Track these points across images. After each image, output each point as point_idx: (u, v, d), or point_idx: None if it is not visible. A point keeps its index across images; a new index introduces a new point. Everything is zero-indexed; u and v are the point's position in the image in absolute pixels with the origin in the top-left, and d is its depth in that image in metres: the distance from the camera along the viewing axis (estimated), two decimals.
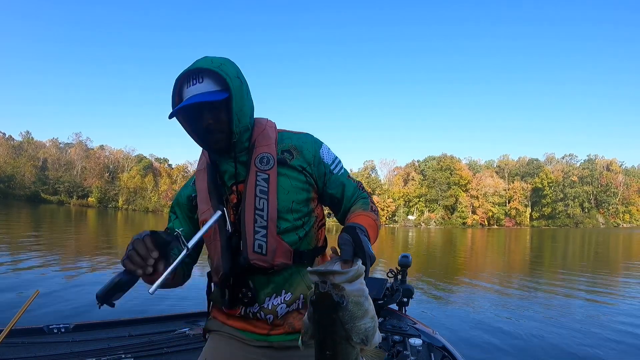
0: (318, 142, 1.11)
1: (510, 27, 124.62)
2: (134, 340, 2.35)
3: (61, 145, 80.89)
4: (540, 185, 77.44)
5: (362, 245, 0.74)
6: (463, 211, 74.36)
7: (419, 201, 75.50)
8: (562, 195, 78.58)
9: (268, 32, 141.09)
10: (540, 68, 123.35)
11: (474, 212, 75.40)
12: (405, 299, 2.99)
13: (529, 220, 78.36)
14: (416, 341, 2.06)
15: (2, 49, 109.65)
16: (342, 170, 1.12)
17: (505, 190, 78.14)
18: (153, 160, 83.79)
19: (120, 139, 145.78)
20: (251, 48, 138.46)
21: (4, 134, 76.09)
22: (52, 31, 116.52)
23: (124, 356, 2.08)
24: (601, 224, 78.71)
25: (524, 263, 14.71)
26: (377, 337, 0.69)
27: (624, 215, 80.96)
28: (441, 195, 74.44)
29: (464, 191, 75.74)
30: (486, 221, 74.79)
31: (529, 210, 79.26)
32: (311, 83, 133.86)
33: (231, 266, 1.02)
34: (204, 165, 1.11)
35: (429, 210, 74.93)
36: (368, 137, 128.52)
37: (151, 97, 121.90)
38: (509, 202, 77.90)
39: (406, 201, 75.76)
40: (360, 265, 0.69)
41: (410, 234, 37.50)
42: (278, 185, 1.02)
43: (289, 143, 1.08)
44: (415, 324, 2.57)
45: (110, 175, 77.95)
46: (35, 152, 75.80)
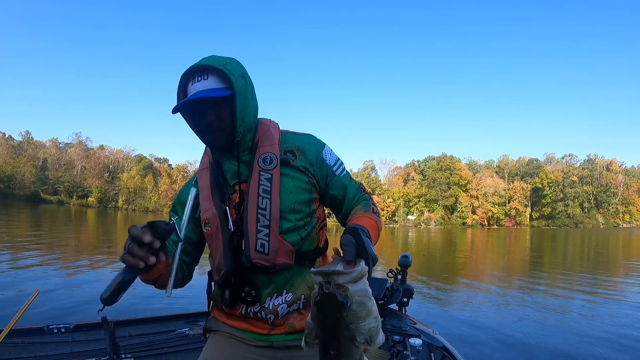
0: (321, 144, 1.11)
1: (510, 27, 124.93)
2: (134, 340, 2.35)
3: (61, 145, 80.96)
4: (540, 185, 77.45)
5: (365, 246, 0.75)
6: (463, 211, 74.36)
7: (419, 201, 75.49)
8: (562, 195, 78.58)
9: (268, 32, 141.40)
10: (540, 68, 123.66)
11: (473, 212, 75.41)
12: (405, 299, 2.99)
13: (528, 220, 78.38)
14: (416, 341, 2.06)
15: (2, 49, 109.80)
16: (344, 172, 1.12)
17: (505, 190, 78.14)
18: (153, 160, 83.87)
19: (120, 139, 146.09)
20: (251, 48, 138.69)
21: (4, 134, 76.22)
22: (52, 31, 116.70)
23: (124, 356, 2.08)
24: (601, 224, 78.68)
25: (523, 263, 14.70)
26: (381, 337, 0.69)
27: (624, 215, 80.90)
28: (441, 195, 74.45)
29: (463, 191, 75.75)
30: (486, 221, 74.80)
31: (528, 210, 79.27)
32: (311, 83, 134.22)
33: (233, 265, 1.02)
34: (206, 164, 1.11)
35: (429, 210, 74.93)
36: (368, 137, 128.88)
37: (151, 97, 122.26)
38: (509, 202, 77.91)
39: (406, 201, 75.75)
40: (364, 266, 0.69)
41: (410, 234, 37.48)
42: (281, 185, 1.02)
43: (292, 144, 1.08)
44: (415, 324, 2.57)
45: (110, 175, 77.97)
46: (35, 152, 75.84)
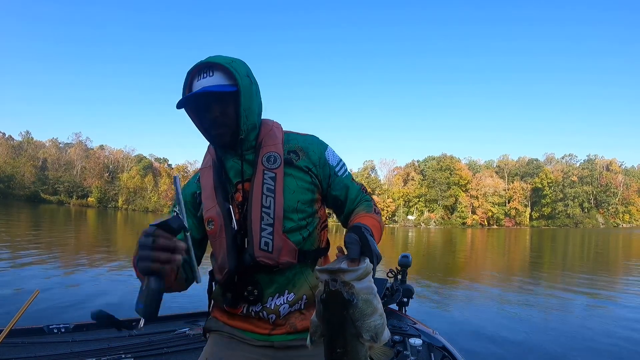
0: (323, 144, 1.13)
1: (510, 27, 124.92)
2: (134, 340, 2.34)
3: (61, 145, 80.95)
4: (540, 185, 77.44)
5: (369, 244, 0.75)
6: (463, 211, 74.36)
7: (419, 201, 75.49)
8: (561, 195, 78.58)
9: (268, 32, 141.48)
10: (540, 68, 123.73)
11: (473, 212, 75.41)
12: (405, 299, 2.99)
13: (528, 220, 78.37)
14: (416, 341, 2.06)
15: (2, 49, 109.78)
16: (346, 173, 1.13)
17: (505, 190, 78.13)
18: (153, 160, 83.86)
19: (120, 139, 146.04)
20: (251, 48, 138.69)
21: (4, 134, 76.21)
22: (52, 31, 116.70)
23: (124, 356, 2.08)
24: (601, 224, 78.67)
25: (523, 263, 14.70)
26: (386, 334, 0.69)
27: (624, 215, 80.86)
28: (441, 195, 74.45)
29: (463, 191, 75.75)
30: (486, 221, 74.80)
31: (528, 210, 79.27)
32: (311, 83, 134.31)
33: (236, 264, 1.02)
34: (209, 162, 1.11)
35: (429, 210, 74.93)
36: (368, 137, 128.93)
37: (151, 97, 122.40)
38: (509, 202, 77.90)
39: (406, 201, 75.75)
40: (369, 264, 0.69)
41: (410, 234, 37.48)
42: (284, 185, 1.03)
43: (295, 144, 1.09)
44: (415, 324, 2.58)
45: (110, 175, 77.96)
46: (35, 152, 75.83)
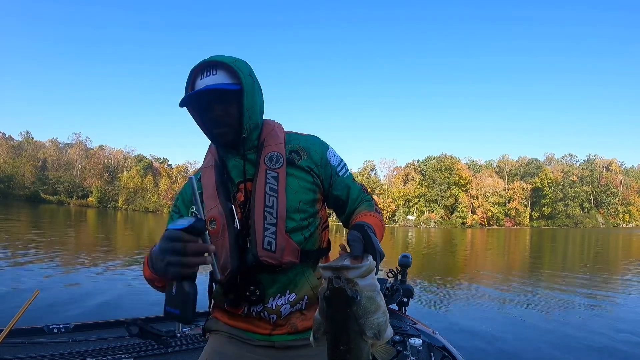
0: (325, 145, 1.13)
1: (510, 27, 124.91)
2: (134, 340, 2.34)
3: (61, 145, 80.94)
4: (540, 185, 77.39)
5: (372, 242, 0.75)
6: (463, 211, 74.33)
7: (419, 201, 75.47)
8: (561, 195, 78.53)
9: (268, 32, 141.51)
10: (540, 68, 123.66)
11: (473, 212, 75.38)
12: (405, 299, 2.99)
13: (528, 220, 78.32)
14: (416, 341, 2.06)
15: (2, 49, 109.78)
16: (347, 173, 1.14)
17: (505, 190, 78.09)
18: (153, 160, 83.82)
19: (120, 139, 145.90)
20: (251, 48, 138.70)
21: (4, 134, 76.24)
22: (52, 31, 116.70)
23: (124, 356, 2.08)
24: (601, 224, 78.63)
25: (523, 263, 14.70)
26: (389, 331, 0.69)
27: (624, 215, 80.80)
28: (441, 195, 74.43)
29: (463, 191, 75.71)
30: (486, 221, 74.76)
31: (528, 210, 79.22)
32: (311, 83, 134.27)
33: (239, 264, 1.02)
34: (211, 162, 1.11)
35: (429, 210, 74.91)
36: (368, 137, 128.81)
37: (151, 97, 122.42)
38: (509, 202, 77.86)
39: (406, 201, 75.72)
40: (372, 261, 0.70)
41: (410, 234, 37.48)
42: (286, 185, 1.03)
43: (296, 144, 1.09)
44: (415, 324, 2.57)
45: (110, 175, 77.94)
46: (35, 152, 75.83)
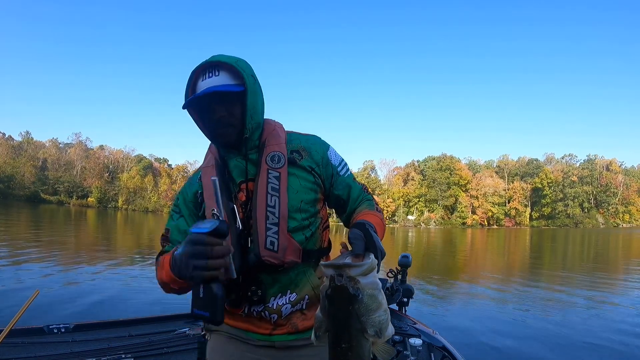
0: (326, 144, 1.13)
1: (510, 27, 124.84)
2: (134, 340, 2.34)
3: (61, 146, 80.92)
4: (540, 185, 77.36)
5: (374, 240, 0.75)
6: (463, 211, 74.31)
7: (419, 201, 75.44)
8: (561, 195, 78.49)
9: (268, 32, 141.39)
10: (540, 68, 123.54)
11: (473, 212, 75.36)
12: (405, 299, 2.98)
13: (528, 220, 78.28)
14: (416, 341, 2.06)
15: (2, 49, 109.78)
16: (348, 172, 1.14)
17: (505, 190, 78.06)
18: (153, 160, 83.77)
19: (120, 139, 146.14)
20: (251, 48, 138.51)
21: (4, 134, 76.24)
22: (52, 31, 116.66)
23: (124, 356, 2.08)
24: (601, 224, 78.60)
25: (523, 263, 14.71)
26: (390, 329, 0.70)
27: (624, 215, 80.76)
28: (441, 195, 74.40)
29: (463, 191, 75.68)
30: (486, 221, 74.73)
31: (528, 210, 79.19)
32: (311, 83, 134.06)
33: (241, 264, 1.02)
34: (211, 161, 1.11)
35: (429, 210, 74.88)
36: (368, 137, 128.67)
37: (151, 97, 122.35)
38: (509, 202, 77.83)
39: (406, 201, 75.69)
40: (374, 259, 0.70)
41: (410, 234, 37.49)
42: (288, 185, 1.03)
43: (297, 144, 1.09)
44: (415, 324, 2.57)
45: (110, 175, 77.91)
46: (35, 152, 75.81)
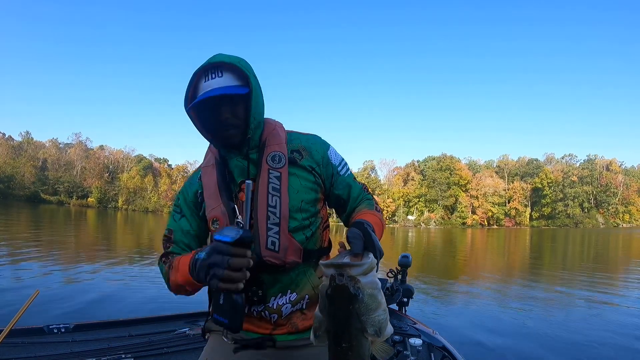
0: (326, 144, 1.13)
1: (510, 27, 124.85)
2: (134, 340, 2.34)
3: (61, 146, 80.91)
4: (540, 185, 77.37)
5: (372, 239, 0.75)
6: (463, 211, 74.31)
7: (419, 201, 75.45)
8: (561, 195, 78.48)
9: (268, 32, 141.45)
10: (540, 68, 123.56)
11: (473, 212, 75.36)
12: (405, 299, 2.98)
13: (528, 220, 78.28)
14: (416, 341, 2.05)
15: (2, 49, 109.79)
16: (348, 172, 1.14)
17: (505, 190, 78.06)
18: (153, 160, 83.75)
19: (120, 139, 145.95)
20: (251, 48, 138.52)
21: (4, 134, 76.25)
22: (52, 31, 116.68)
23: (124, 356, 2.08)
24: (601, 224, 78.58)
25: (523, 263, 14.70)
26: (389, 328, 0.70)
27: (624, 215, 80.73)
28: (441, 195, 74.40)
29: (463, 191, 75.68)
30: (486, 221, 74.73)
31: (528, 210, 79.20)
32: (311, 83, 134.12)
33: None
34: (211, 161, 1.10)
35: (429, 211, 74.88)
36: (368, 137, 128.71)
37: (151, 97, 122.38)
38: (509, 202, 77.83)
39: (406, 201, 75.70)
40: (373, 258, 0.70)
41: (410, 234, 37.47)
42: (289, 184, 1.03)
43: (297, 143, 1.09)
44: (415, 324, 2.57)
45: (110, 175, 77.90)
46: (35, 152, 75.80)
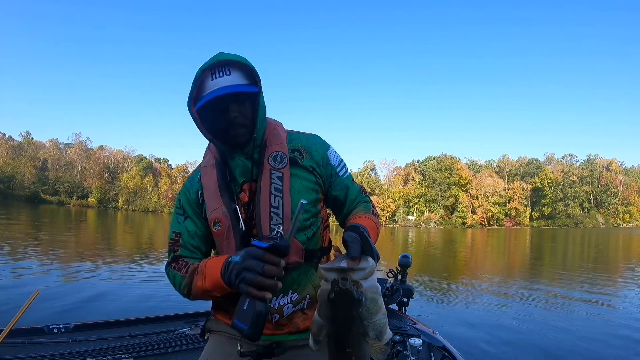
0: (326, 144, 1.13)
1: (510, 27, 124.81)
2: (134, 340, 2.34)
3: (61, 146, 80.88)
4: (540, 185, 77.35)
5: (370, 243, 0.75)
6: (463, 211, 74.30)
7: (419, 201, 75.43)
8: (562, 195, 78.46)
9: (268, 32, 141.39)
10: (540, 68, 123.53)
11: (473, 212, 75.35)
12: (405, 299, 2.98)
13: (528, 220, 78.26)
14: (416, 341, 2.05)
15: (2, 49, 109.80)
16: (347, 173, 1.13)
17: (505, 190, 78.05)
18: (153, 160, 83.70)
19: (120, 139, 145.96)
20: (251, 48, 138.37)
21: (4, 134, 76.22)
22: (52, 31, 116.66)
23: (124, 356, 2.08)
24: (601, 224, 78.56)
25: (523, 263, 14.69)
26: (389, 332, 0.71)
27: (624, 215, 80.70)
28: (441, 196, 74.39)
29: (463, 191, 75.67)
30: (486, 221, 74.72)
31: (528, 210, 79.18)
32: (311, 83, 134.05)
33: None
34: (211, 161, 1.09)
35: (429, 211, 74.87)
36: (368, 137, 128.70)
37: (151, 97, 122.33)
38: (509, 202, 77.81)
39: (406, 201, 75.68)
40: (373, 262, 0.70)
41: (410, 234, 37.46)
42: (290, 185, 1.03)
43: (298, 143, 1.09)
44: (415, 324, 2.57)
45: (110, 175, 77.88)
46: (35, 152, 75.77)
